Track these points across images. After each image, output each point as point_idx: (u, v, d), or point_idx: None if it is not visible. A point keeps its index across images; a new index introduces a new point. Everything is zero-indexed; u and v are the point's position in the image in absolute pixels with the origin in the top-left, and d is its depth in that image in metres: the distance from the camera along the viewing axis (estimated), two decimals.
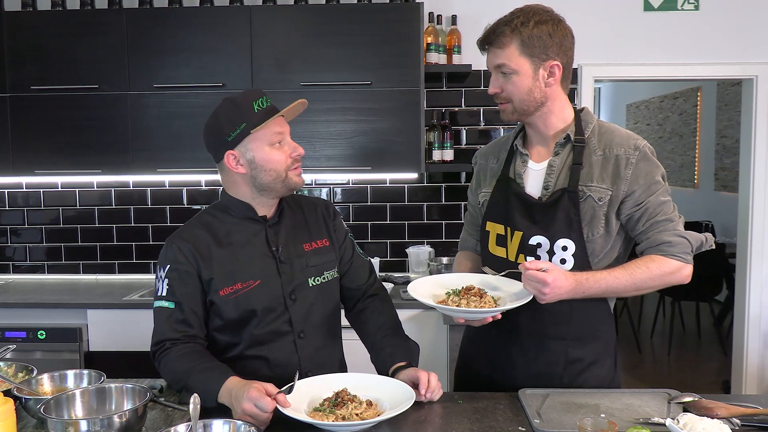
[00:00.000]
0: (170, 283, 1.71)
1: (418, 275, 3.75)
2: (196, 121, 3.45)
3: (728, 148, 6.87)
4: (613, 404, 1.64)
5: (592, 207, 1.72)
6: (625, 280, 1.68)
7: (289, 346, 1.77)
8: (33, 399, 1.54)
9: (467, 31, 3.74)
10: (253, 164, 1.71)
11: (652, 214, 1.72)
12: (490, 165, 1.95)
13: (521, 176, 1.83)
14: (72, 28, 3.47)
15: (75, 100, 3.48)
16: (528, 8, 1.75)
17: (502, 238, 1.83)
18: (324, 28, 3.42)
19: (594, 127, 1.80)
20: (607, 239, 1.75)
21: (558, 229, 1.73)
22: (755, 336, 3.91)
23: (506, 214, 1.81)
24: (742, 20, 3.76)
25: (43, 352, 3.31)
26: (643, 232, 1.73)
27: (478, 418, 1.61)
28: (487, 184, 1.92)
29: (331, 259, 1.86)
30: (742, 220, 3.98)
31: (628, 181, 1.71)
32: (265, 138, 1.70)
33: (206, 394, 1.53)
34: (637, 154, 1.72)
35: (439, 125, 3.73)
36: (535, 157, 1.84)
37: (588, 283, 1.67)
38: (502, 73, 1.76)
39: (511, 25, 1.72)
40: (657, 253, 1.71)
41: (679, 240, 1.71)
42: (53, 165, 3.55)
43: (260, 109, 1.69)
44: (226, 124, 1.69)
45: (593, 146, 1.77)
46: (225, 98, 1.74)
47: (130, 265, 3.98)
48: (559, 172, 1.77)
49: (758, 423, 1.52)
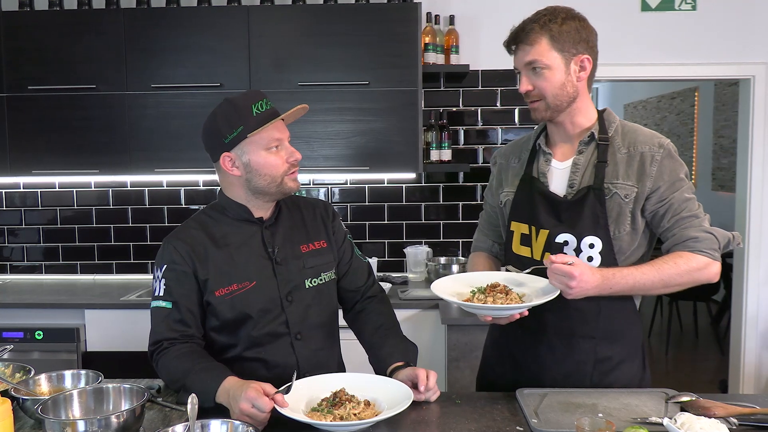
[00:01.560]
0: (167, 283, 1.71)
1: (416, 275, 3.75)
2: (193, 121, 3.45)
3: (725, 148, 6.88)
4: (610, 404, 1.64)
5: (619, 204, 1.72)
6: (652, 276, 1.66)
7: (286, 347, 1.77)
8: (30, 399, 1.54)
9: (465, 31, 3.75)
10: (248, 167, 1.71)
11: (677, 210, 1.71)
12: (511, 165, 1.94)
13: (545, 175, 1.82)
14: (69, 28, 3.46)
15: (72, 100, 3.48)
16: (552, 7, 1.76)
17: (526, 238, 1.82)
18: (322, 28, 3.42)
19: (617, 126, 1.81)
20: (633, 236, 1.75)
21: (584, 227, 1.73)
22: (752, 335, 3.92)
23: (531, 213, 1.81)
24: (740, 20, 3.77)
25: (40, 353, 3.31)
26: (669, 229, 1.73)
27: (476, 417, 1.61)
28: (510, 184, 1.91)
29: (329, 261, 1.86)
30: (739, 219, 3.99)
31: (653, 177, 1.72)
32: (262, 142, 1.69)
33: (204, 394, 1.53)
34: (661, 152, 1.73)
35: (436, 125, 3.73)
36: (559, 156, 1.83)
37: (615, 279, 1.65)
38: (533, 69, 1.74)
39: (539, 22, 1.72)
40: (684, 249, 1.70)
41: (706, 236, 1.69)
42: (50, 165, 3.55)
43: (259, 112, 1.68)
44: (224, 125, 1.69)
45: (617, 145, 1.77)
46: (225, 98, 1.73)
47: (128, 266, 3.98)
48: (584, 170, 1.77)
49: (755, 422, 1.52)
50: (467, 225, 3.89)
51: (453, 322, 3.05)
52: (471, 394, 1.78)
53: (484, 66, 3.80)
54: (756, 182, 3.86)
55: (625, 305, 1.80)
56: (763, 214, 3.87)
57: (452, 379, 3.07)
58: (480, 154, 3.88)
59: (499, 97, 3.84)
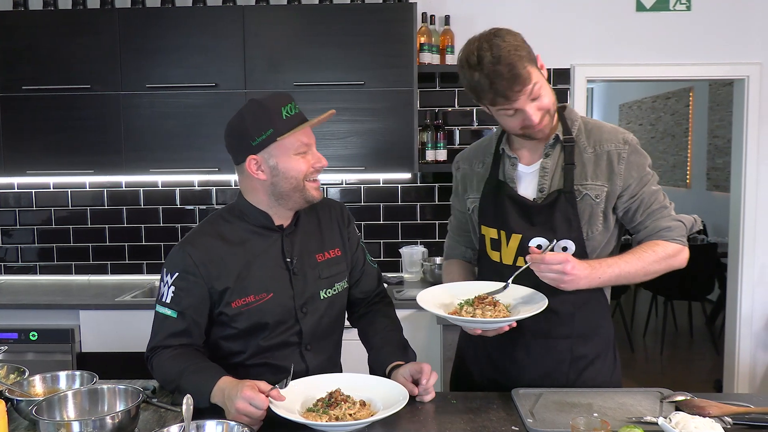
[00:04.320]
0: (176, 292, 1.67)
1: (412, 275, 3.75)
2: (188, 122, 3.45)
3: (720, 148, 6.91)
4: (605, 403, 1.64)
5: (590, 205, 1.74)
6: (635, 264, 1.70)
7: (295, 356, 1.76)
8: (25, 400, 1.53)
9: (460, 32, 3.75)
10: (275, 171, 1.65)
11: (647, 203, 1.75)
12: (475, 170, 1.91)
13: (513, 180, 1.81)
14: (64, 28, 3.45)
15: (67, 101, 3.47)
16: (489, 35, 1.64)
17: (495, 242, 1.82)
18: (317, 28, 3.42)
19: (579, 124, 1.80)
20: (605, 235, 1.77)
21: (558, 230, 1.73)
22: (747, 335, 3.93)
23: (500, 218, 1.80)
24: (734, 21, 3.78)
25: (35, 353, 3.29)
26: (641, 222, 1.77)
27: (472, 417, 1.61)
28: (475, 189, 1.89)
29: (342, 270, 1.84)
30: (733, 219, 4.00)
31: (623, 176, 1.74)
32: (292, 147, 1.64)
33: (198, 394, 1.53)
34: (627, 148, 1.75)
35: (432, 125, 3.74)
36: (525, 159, 1.82)
37: (602, 269, 1.67)
38: (533, 100, 1.66)
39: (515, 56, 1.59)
40: (658, 238, 1.75)
41: (677, 224, 1.76)
42: (45, 165, 3.54)
43: (289, 115, 1.63)
44: (253, 127, 1.63)
45: (582, 144, 1.77)
46: (251, 99, 1.68)
47: (123, 266, 3.97)
48: (553, 174, 1.77)
49: (750, 422, 1.53)
50: None
51: (448, 323, 3.04)
52: (466, 394, 1.78)
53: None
54: (750, 182, 3.87)
55: (599, 303, 1.82)
56: (757, 214, 3.89)
57: (447, 379, 3.06)
58: None
59: None
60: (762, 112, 3.84)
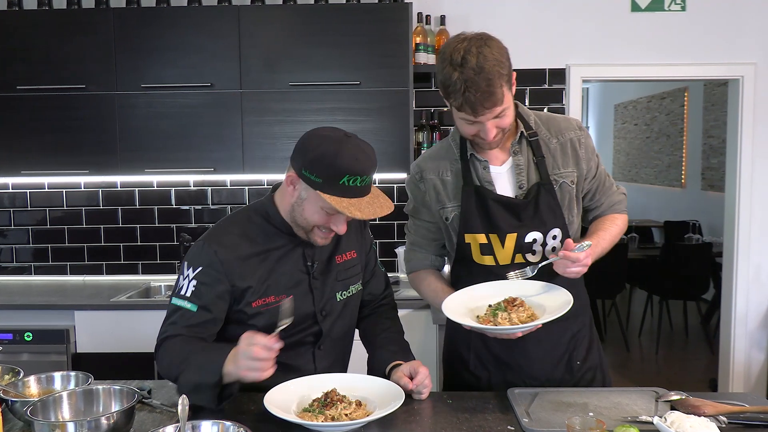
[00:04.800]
0: (198, 286, 1.66)
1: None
2: (184, 122, 3.44)
3: (715, 148, 6.93)
4: (601, 403, 1.64)
5: (568, 192, 1.83)
6: (609, 239, 1.84)
7: (307, 355, 1.79)
8: (19, 401, 1.53)
9: (456, 32, 3.68)
10: (299, 201, 1.65)
11: (603, 182, 1.91)
12: (444, 178, 1.87)
13: (490, 182, 1.82)
14: (59, 28, 3.44)
15: (62, 100, 3.46)
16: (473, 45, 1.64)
17: (486, 246, 1.82)
18: (313, 28, 3.42)
19: (534, 118, 1.86)
20: (579, 217, 1.90)
21: (547, 222, 1.79)
22: (742, 334, 3.94)
23: (488, 222, 1.80)
24: (729, 21, 3.79)
25: (30, 354, 3.28)
26: (599, 200, 1.92)
27: (467, 417, 1.61)
28: (452, 198, 1.86)
29: (357, 272, 1.85)
30: (728, 219, 4.01)
31: (586, 159, 1.85)
32: (324, 205, 1.62)
33: (211, 365, 1.52)
34: (583, 133, 1.87)
35: (428, 125, 3.74)
36: (494, 161, 1.83)
37: (595, 249, 1.76)
38: (496, 117, 1.68)
39: (495, 73, 1.60)
40: (612, 212, 1.92)
41: (622, 197, 1.96)
42: (40, 165, 3.53)
43: (345, 185, 1.59)
44: (313, 162, 1.59)
45: (546, 137, 1.84)
46: (344, 136, 1.64)
47: (118, 266, 3.95)
48: (527, 169, 1.81)
49: (744, 421, 1.53)
50: None
51: (444, 323, 3.04)
52: (462, 394, 1.78)
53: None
54: (745, 182, 3.89)
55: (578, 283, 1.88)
56: (752, 214, 3.90)
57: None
58: None
59: None
60: (756, 112, 3.85)
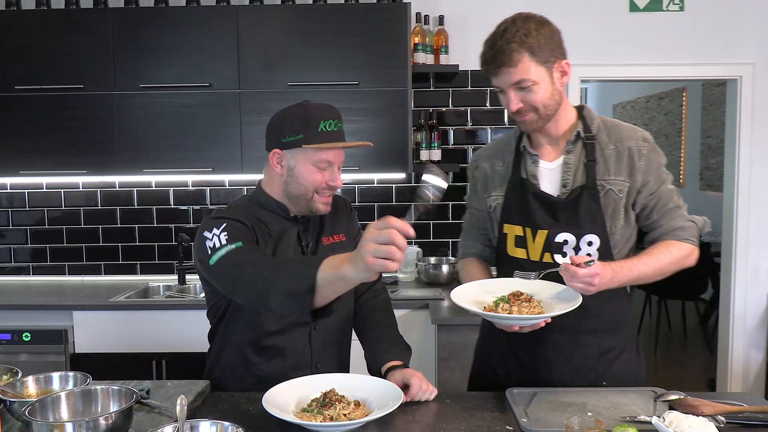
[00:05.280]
0: (230, 231, 1.64)
1: (406, 275, 3.75)
2: (182, 121, 3.44)
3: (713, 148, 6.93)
4: (599, 403, 1.65)
5: (613, 200, 1.77)
6: (652, 266, 1.74)
7: (304, 337, 1.82)
8: (18, 402, 1.53)
9: (454, 32, 3.75)
10: (291, 172, 1.76)
11: (664, 202, 1.80)
12: (496, 168, 1.92)
13: (535, 176, 1.83)
14: (57, 28, 3.44)
15: (60, 100, 3.46)
16: (519, 18, 1.72)
17: (521, 239, 1.83)
18: (311, 28, 3.42)
19: (599, 122, 1.84)
20: (626, 230, 1.80)
21: (583, 226, 1.76)
22: (740, 334, 3.95)
23: (525, 215, 1.82)
24: (727, 21, 3.80)
25: (28, 354, 3.28)
26: (656, 221, 1.81)
27: (466, 417, 1.61)
28: (498, 188, 1.90)
29: None
30: (726, 219, 4.02)
31: (643, 171, 1.78)
32: (313, 158, 1.74)
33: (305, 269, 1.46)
34: (647, 146, 1.80)
35: (426, 125, 3.74)
36: (546, 157, 1.84)
37: (623, 272, 1.70)
38: (520, 89, 1.72)
39: (516, 40, 1.67)
40: (672, 238, 1.79)
41: (690, 224, 1.81)
42: (38, 166, 3.52)
43: (325, 130, 1.71)
44: (288, 126, 1.73)
45: (603, 141, 1.80)
46: (304, 101, 1.77)
47: (117, 266, 3.95)
48: (576, 169, 1.79)
49: (743, 420, 1.53)
50: (457, 225, 3.87)
51: (443, 322, 3.05)
52: (461, 394, 1.79)
53: (474, 66, 3.81)
54: (743, 182, 3.89)
55: (623, 296, 1.86)
56: (750, 214, 3.90)
57: (442, 378, 3.07)
58: (469, 154, 3.89)
59: (489, 98, 3.85)
60: (754, 112, 3.85)
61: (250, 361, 1.82)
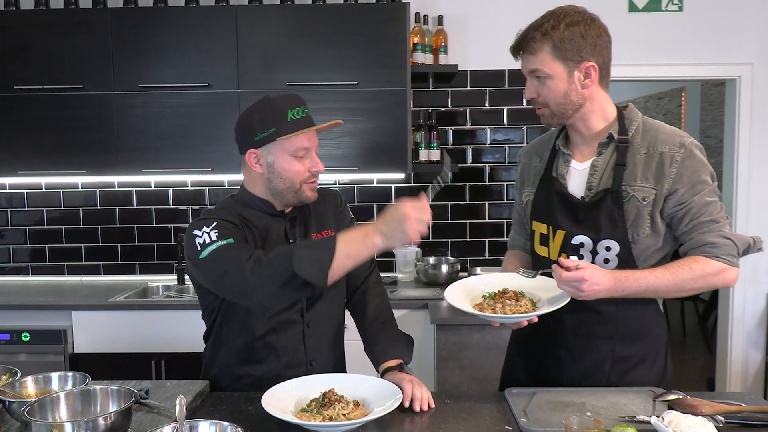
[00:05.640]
0: (219, 230, 1.63)
1: (405, 275, 3.75)
2: (181, 122, 3.44)
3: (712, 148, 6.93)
4: (598, 402, 1.64)
5: (636, 207, 1.70)
6: (666, 280, 1.65)
7: (297, 335, 1.81)
8: (17, 402, 1.53)
9: (454, 32, 3.75)
10: (271, 168, 1.74)
11: (696, 214, 1.68)
12: (533, 164, 1.94)
13: (564, 176, 1.82)
14: (56, 28, 3.44)
15: (59, 100, 3.46)
16: (559, 10, 1.72)
17: (545, 238, 1.83)
18: (310, 28, 3.42)
19: (638, 125, 1.77)
20: (654, 239, 1.72)
21: (601, 230, 1.71)
22: (739, 334, 3.95)
23: (549, 214, 1.81)
24: (726, 21, 3.80)
25: (27, 355, 3.28)
26: (686, 233, 1.70)
27: (465, 417, 1.61)
28: (531, 184, 1.92)
29: None
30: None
31: (672, 179, 1.68)
32: (290, 148, 1.72)
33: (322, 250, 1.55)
34: (682, 152, 1.69)
35: (425, 125, 3.74)
36: (578, 157, 1.82)
37: (627, 282, 1.63)
38: (536, 78, 1.73)
39: (541, 30, 1.69)
40: (700, 254, 1.68)
41: (724, 241, 1.67)
42: (37, 166, 3.52)
43: (294, 118, 1.70)
44: (257, 123, 1.72)
45: (637, 145, 1.74)
46: (265, 96, 1.76)
47: (116, 267, 3.95)
48: (603, 173, 1.75)
49: (742, 420, 1.54)
50: (456, 225, 3.89)
51: (442, 322, 3.05)
52: (460, 394, 1.79)
53: (473, 66, 3.81)
54: (742, 182, 3.89)
55: (647, 306, 1.79)
56: (749, 214, 3.90)
57: (441, 378, 3.07)
58: (469, 154, 3.89)
59: (488, 98, 3.85)
60: (753, 112, 3.86)
61: (245, 361, 1.81)
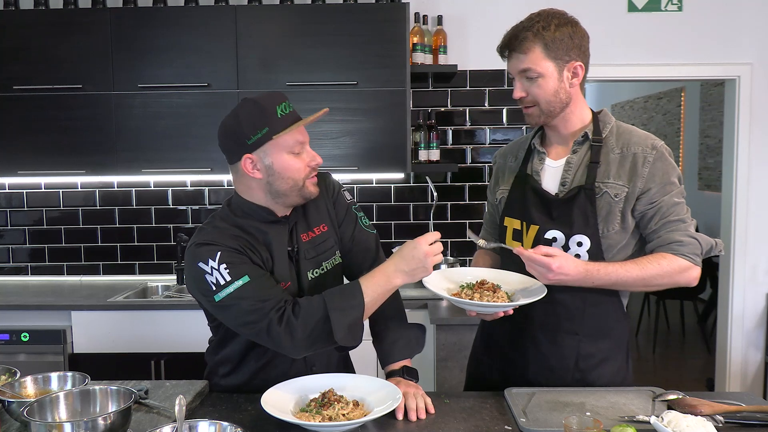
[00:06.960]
0: (229, 266, 1.59)
1: None
2: (181, 122, 3.44)
3: (711, 148, 6.93)
4: (598, 402, 1.65)
5: (608, 203, 1.75)
6: (635, 274, 1.70)
7: None
8: (16, 402, 1.53)
9: (453, 32, 3.75)
10: (270, 170, 1.65)
11: (665, 213, 1.75)
12: (508, 164, 1.99)
13: (538, 173, 1.86)
14: (55, 28, 3.44)
15: (58, 100, 3.46)
16: (546, 12, 1.77)
17: (518, 233, 1.86)
18: (310, 27, 3.42)
19: (612, 127, 1.84)
20: (622, 235, 1.77)
21: (574, 225, 1.76)
22: (738, 334, 3.95)
23: (523, 210, 1.85)
24: (725, 21, 3.80)
25: (26, 355, 3.28)
26: (655, 231, 1.76)
27: (465, 417, 1.61)
28: (505, 182, 1.96)
29: (330, 246, 1.82)
30: (725, 219, 4.02)
31: (645, 178, 1.74)
32: (286, 145, 1.65)
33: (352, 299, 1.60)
34: (654, 153, 1.76)
35: (425, 125, 3.74)
36: (553, 155, 1.87)
37: (598, 274, 1.68)
38: (527, 78, 1.77)
39: (533, 30, 1.73)
40: (667, 251, 1.73)
41: (690, 240, 1.73)
42: (36, 166, 3.52)
43: (284, 114, 1.64)
44: (248, 126, 1.62)
45: (611, 145, 1.80)
46: (245, 99, 1.67)
47: (115, 267, 3.95)
48: (577, 170, 1.81)
49: (741, 420, 1.54)
50: (455, 225, 3.89)
51: (442, 322, 3.05)
52: (460, 394, 1.79)
53: (472, 66, 3.81)
54: (741, 182, 3.89)
55: (612, 304, 1.83)
56: (748, 214, 3.90)
57: (441, 378, 3.07)
58: (468, 154, 3.89)
59: (487, 97, 3.85)
60: (753, 112, 3.86)
61: (247, 365, 1.79)
